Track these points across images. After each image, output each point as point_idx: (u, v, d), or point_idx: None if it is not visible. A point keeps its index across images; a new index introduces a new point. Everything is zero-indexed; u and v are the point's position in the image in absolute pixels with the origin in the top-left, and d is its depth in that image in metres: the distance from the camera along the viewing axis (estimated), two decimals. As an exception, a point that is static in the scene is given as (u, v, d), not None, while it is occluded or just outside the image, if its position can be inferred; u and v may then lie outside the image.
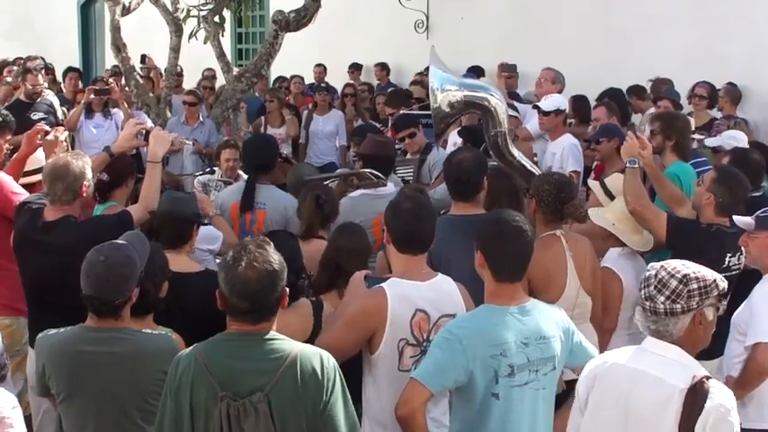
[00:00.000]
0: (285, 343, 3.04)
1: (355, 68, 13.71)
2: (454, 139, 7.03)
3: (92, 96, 9.14)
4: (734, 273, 4.81)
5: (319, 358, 3.05)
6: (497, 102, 5.37)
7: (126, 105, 9.29)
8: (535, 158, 7.34)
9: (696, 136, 7.04)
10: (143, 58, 11.78)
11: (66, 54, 16.19)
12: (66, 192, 4.44)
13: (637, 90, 9.58)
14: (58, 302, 4.26)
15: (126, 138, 5.04)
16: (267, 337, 3.02)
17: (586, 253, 4.66)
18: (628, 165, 5.10)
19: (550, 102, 7.31)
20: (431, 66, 5.37)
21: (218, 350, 3.02)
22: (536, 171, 5.40)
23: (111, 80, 10.09)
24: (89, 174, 4.54)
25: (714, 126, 7.77)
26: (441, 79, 5.31)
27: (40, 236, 4.44)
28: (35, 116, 8.15)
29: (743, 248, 4.82)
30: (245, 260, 2.97)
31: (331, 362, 3.08)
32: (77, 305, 3.55)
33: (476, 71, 11.10)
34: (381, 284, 3.72)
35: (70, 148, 8.01)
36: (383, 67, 13.62)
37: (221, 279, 3.01)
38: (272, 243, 3.13)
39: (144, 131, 5.04)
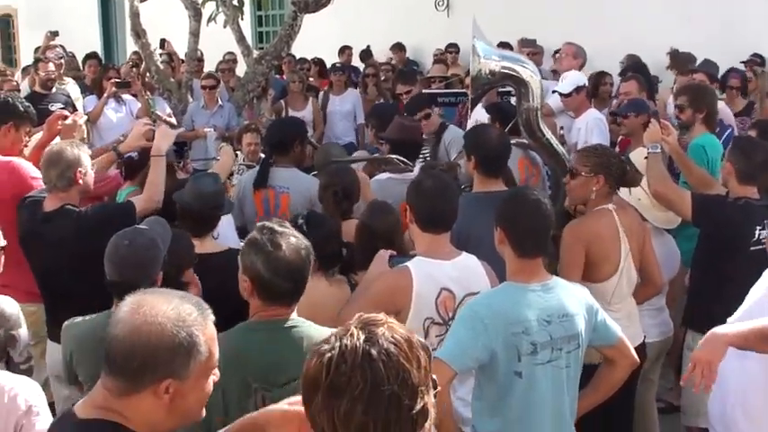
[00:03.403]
0: (311, 328, 3.03)
1: (367, 56, 13.39)
2: (477, 116, 6.94)
3: (113, 89, 9.04)
4: (765, 246, 4.71)
5: None
6: (532, 75, 5.35)
7: (144, 97, 9.19)
8: (561, 132, 7.26)
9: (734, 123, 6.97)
10: (162, 42, 11.75)
11: (87, 41, 16.20)
12: (60, 178, 4.41)
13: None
14: (69, 294, 4.25)
15: (135, 137, 5.14)
16: (292, 323, 3.02)
17: (633, 224, 4.55)
18: (650, 150, 5.05)
19: (568, 82, 7.24)
20: (474, 35, 5.49)
21: (247, 340, 2.99)
22: (561, 150, 5.37)
23: (122, 69, 10.04)
24: (85, 161, 4.51)
25: None
26: (484, 49, 5.50)
27: (40, 227, 4.43)
28: (52, 107, 8.10)
29: None
30: (283, 242, 2.99)
31: None
32: (87, 295, 3.55)
33: (504, 47, 11.01)
34: (406, 263, 3.71)
35: (90, 134, 8.04)
36: (400, 48, 13.38)
37: (260, 263, 2.98)
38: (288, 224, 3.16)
39: (152, 132, 5.11)
